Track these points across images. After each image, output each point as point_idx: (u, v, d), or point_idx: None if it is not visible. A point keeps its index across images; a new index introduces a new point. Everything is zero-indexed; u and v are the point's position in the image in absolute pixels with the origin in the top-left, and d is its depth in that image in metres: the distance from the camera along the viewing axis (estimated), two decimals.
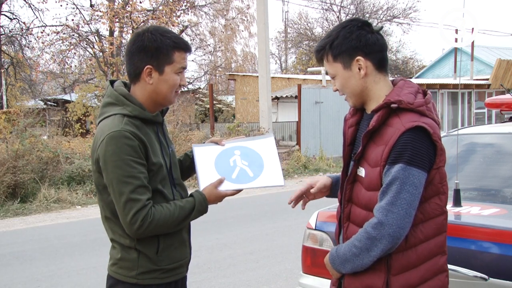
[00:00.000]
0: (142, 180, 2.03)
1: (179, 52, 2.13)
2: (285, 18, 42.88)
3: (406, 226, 1.84)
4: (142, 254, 2.13)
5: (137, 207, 2.00)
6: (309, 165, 14.70)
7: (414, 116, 1.89)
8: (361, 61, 1.97)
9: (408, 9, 36.16)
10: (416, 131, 1.86)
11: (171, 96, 2.18)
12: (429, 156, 1.88)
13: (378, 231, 1.84)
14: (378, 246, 1.85)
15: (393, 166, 1.85)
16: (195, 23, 24.81)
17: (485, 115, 21.67)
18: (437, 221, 1.94)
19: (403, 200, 1.83)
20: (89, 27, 19.65)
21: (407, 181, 1.83)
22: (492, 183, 3.24)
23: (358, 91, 2.01)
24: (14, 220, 8.84)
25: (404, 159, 1.84)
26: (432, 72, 30.21)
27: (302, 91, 17.03)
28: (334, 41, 1.99)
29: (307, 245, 3.07)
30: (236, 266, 5.79)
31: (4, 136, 11.65)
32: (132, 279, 2.15)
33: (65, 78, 22.83)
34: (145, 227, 2.02)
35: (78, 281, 5.41)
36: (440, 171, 1.93)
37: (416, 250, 1.91)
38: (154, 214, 2.03)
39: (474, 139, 3.62)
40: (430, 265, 1.93)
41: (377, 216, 1.85)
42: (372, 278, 1.93)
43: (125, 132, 2.02)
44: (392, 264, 1.91)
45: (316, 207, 3.19)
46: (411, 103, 1.91)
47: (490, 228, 2.50)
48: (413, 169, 1.84)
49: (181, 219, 2.12)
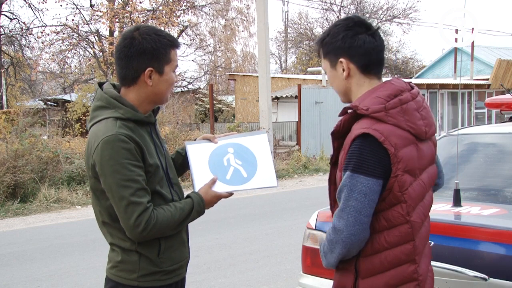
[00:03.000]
0: (141, 183, 2.03)
1: (174, 50, 2.13)
2: (285, 18, 42.96)
3: (357, 233, 1.82)
4: (143, 257, 2.13)
5: (139, 210, 2.00)
6: (309, 165, 14.70)
7: (368, 122, 1.85)
8: (344, 63, 1.96)
9: (408, 9, 36.21)
10: (364, 139, 1.82)
11: (168, 95, 2.20)
12: (381, 163, 1.82)
13: (334, 235, 1.87)
14: (336, 249, 1.88)
15: (344, 173, 1.86)
16: (195, 23, 24.81)
17: (485, 115, 21.68)
18: (401, 229, 1.88)
19: (351, 208, 1.82)
20: (89, 27, 19.65)
21: (354, 189, 1.81)
22: (492, 183, 3.25)
23: (342, 90, 2.03)
24: (14, 220, 8.85)
25: (350, 167, 1.83)
26: (432, 72, 30.22)
27: (302, 91, 17.03)
28: (325, 38, 2.00)
29: (307, 245, 3.07)
30: (236, 266, 5.79)
31: (4, 136, 11.66)
32: (133, 281, 2.14)
33: (65, 78, 22.82)
34: (149, 230, 2.01)
35: (78, 281, 5.41)
36: (399, 180, 1.84)
37: (380, 256, 1.89)
38: (157, 217, 2.03)
39: (474, 139, 3.62)
40: (396, 273, 1.90)
41: (333, 221, 1.88)
42: (344, 278, 1.97)
43: (120, 135, 2.00)
44: (359, 267, 1.92)
45: (316, 207, 3.19)
46: (365, 109, 1.86)
47: (490, 228, 2.50)
48: (360, 176, 1.81)
49: (181, 220, 2.12)
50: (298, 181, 12.98)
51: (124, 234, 2.09)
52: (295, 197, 10.45)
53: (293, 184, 12.51)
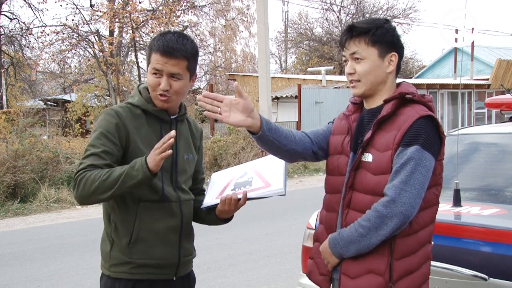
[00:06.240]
0: (99, 150, 2.07)
1: (154, 53, 2.15)
2: (285, 18, 42.85)
3: (416, 206, 1.90)
4: (115, 244, 2.16)
5: (78, 169, 2.07)
6: (309, 165, 14.68)
7: (423, 107, 2.00)
8: (394, 58, 2.06)
9: (408, 9, 36.21)
10: (428, 120, 1.96)
11: (154, 96, 2.19)
12: (437, 146, 1.98)
13: (390, 209, 1.87)
14: (388, 225, 1.88)
15: (407, 148, 1.91)
16: (195, 23, 24.81)
17: (485, 115, 21.68)
18: (433, 210, 2.03)
19: (416, 180, 1.88)
20: (89, 27, 19.64)
21: (420, 163, 1.89)
22: (492, 183, 3.24)
23: (378, 81, 2.06)
24: (14, 220, 8.84)
25: (420, 142, 1.91)
26: (432, 72, 30.23)
27: (302, 91, 17.03)
28: (378, 29, 2.04)
29: (307, 245, 3.07)
30: (236, 266, 5.79)
31: (4, 136, 11.65)
32: (106, 270, 2.19)
33: (65, 78, 22.82)
34: (77, 188, 2.04)
35: (78, 281, 5.41)
36: (441, 163, 2.02)
37: (417, 236, 1.97)
38: (86, 174, 2.03)
39: (474, 139, 3.62)
40: (423, 252, 2.00)
41: (389, 194, 1.88)
42: (375, 261, 1.95)
43: (112, 110, 2.16)
44: (395, 248, 1.94)
45: (316, 207, 3.19)
46: (422, 97, 2.03)
47: (490, 228, 2.50)
48: (426, 152, 1.91)
49: (113, 177, 2.00)
50: (298, 181, 12.97)
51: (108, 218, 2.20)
52: (295, 197, 10.45)
53: (293, 184, 12.51)
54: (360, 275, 1.98)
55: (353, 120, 2.14)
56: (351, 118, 2.15)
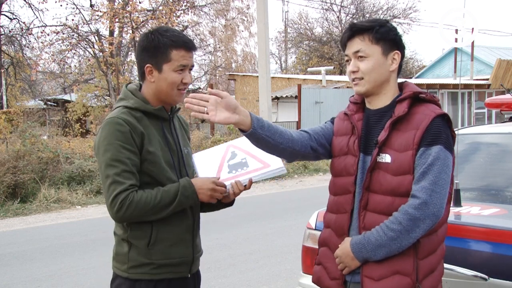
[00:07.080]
0: (129, 165, 2.05)
1: (177, 50, 2.14)
2: (285, 18, 42.83)
3: (444, 206, 1.92)
4: (133, 247, 2.14)
5: (119, 190, 2.02)
6: (309, 165, 14.68)
7: (437, 106, 2.02)
8: (396, 56, 2.06)
9: (408, 9, 36.18)
10: (444, 119, 1.97)
11: (173, 94, 2.19)
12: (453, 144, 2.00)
13: (423, 211, 1.87)
14: (421, 227, 1.88)
15: (430, 148, 1.91)
16: (195, 23, 24.79)
17: (485, 115, 21.68)
18: (447, 208, 2.02)
19: (443, 180, 1.90)
20: (89, 27, 19.64)
21: (445, 163, 1.91)
22: (492, 183, 3.24)
23: (382, 80, 2.05)
24: (14, 220, 8.84)
25: (442, 142, 1.92)
26: (432, 72, 30.22)
27: (302, 91, 17.03)
28: (381, 27, 2.04)
29: (307, 245, 3.07)
30: (236, 266, 5.79)
31: (4, 136, 11.66)
32: (124, 273, 2.16)
33: (65, 78, 22.81)
34: (124, 210, 2.02)
35: (78, 281, 5.41)
36: (454, 161, 2.01)
37: (437, 235, 2.00)
38: (133, 197, 2.03)
39: (474, 139, 3.61)
40: (441, 250, 2.04)
41: (421, 197, 1.87)
42: (401, 262, 1.94)
43: (118, 119, 2.09)
44: (420, 248, 1.95)
45: (316, 207, 3.19)
46: (434, 96, 2.04)
47: (490, 228, 2.50)
48: (448, 152, 1.93)
49: (165, 202, 2.08)
50: (298, 181, 12.97)
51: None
52: (295, 197, 10.45)
53: (293, 184, 12.51)
54: (385, 276, 1.96)
55: (357, 120, 2.11)
56: (355, 117, 2.12)
